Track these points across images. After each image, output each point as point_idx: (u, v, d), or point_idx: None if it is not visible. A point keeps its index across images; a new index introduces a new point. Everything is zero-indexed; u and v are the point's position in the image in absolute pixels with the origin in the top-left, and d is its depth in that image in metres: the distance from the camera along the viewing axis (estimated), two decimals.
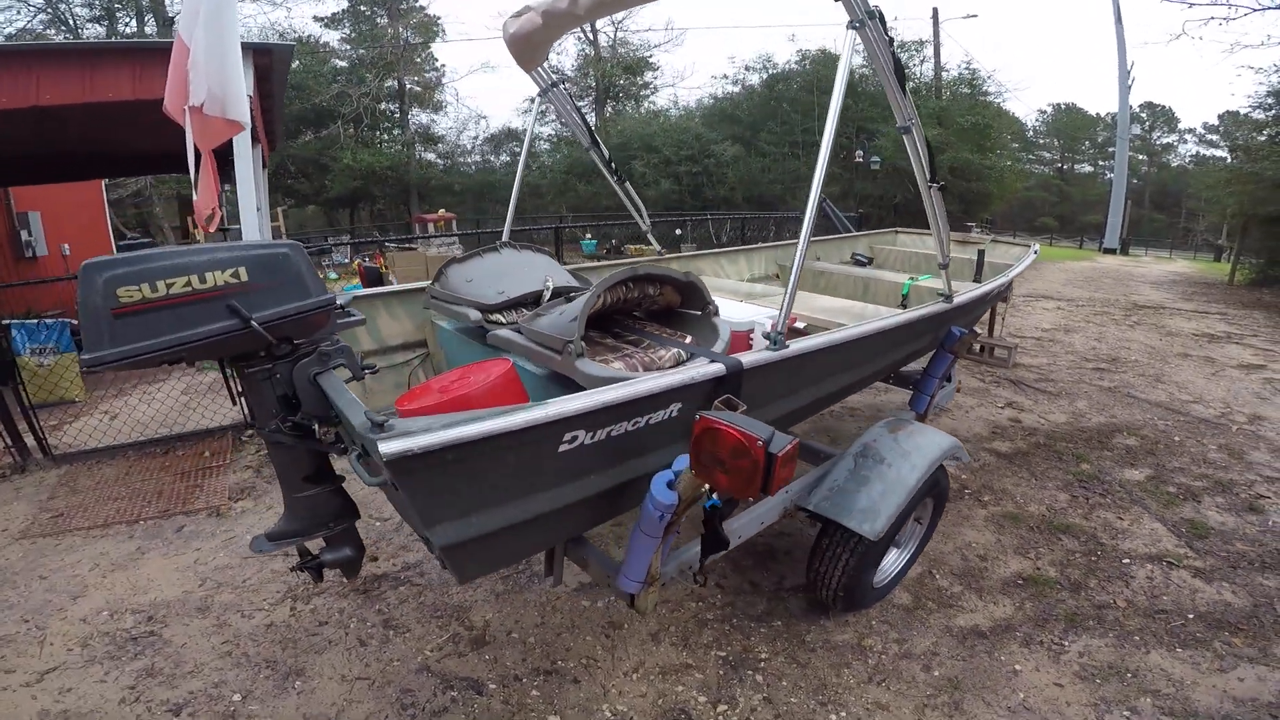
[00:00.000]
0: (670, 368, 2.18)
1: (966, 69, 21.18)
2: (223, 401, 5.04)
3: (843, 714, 2.31)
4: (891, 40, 2.43)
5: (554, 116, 27.24)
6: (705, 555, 2.04)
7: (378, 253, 15.35)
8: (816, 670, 2.52)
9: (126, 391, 5.60)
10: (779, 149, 19.88)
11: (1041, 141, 43.14)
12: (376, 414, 1.41)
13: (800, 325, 3.20)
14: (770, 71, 21.48)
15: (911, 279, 4.87)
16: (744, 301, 3.55)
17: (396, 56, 24.64)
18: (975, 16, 22.84)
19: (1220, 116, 42.41)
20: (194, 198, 3.83)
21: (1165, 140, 44.03)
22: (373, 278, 9.97)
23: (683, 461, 1.70)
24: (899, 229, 8.06)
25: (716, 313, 2.59)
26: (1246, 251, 15.48)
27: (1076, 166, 43.93)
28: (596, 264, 4.45)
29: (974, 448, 4.61)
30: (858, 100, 18.97)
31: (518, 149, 28.80)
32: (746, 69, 23.83)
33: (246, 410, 1.91)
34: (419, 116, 28.02)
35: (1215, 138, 42.41)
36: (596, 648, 2.62)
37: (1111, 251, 25.45)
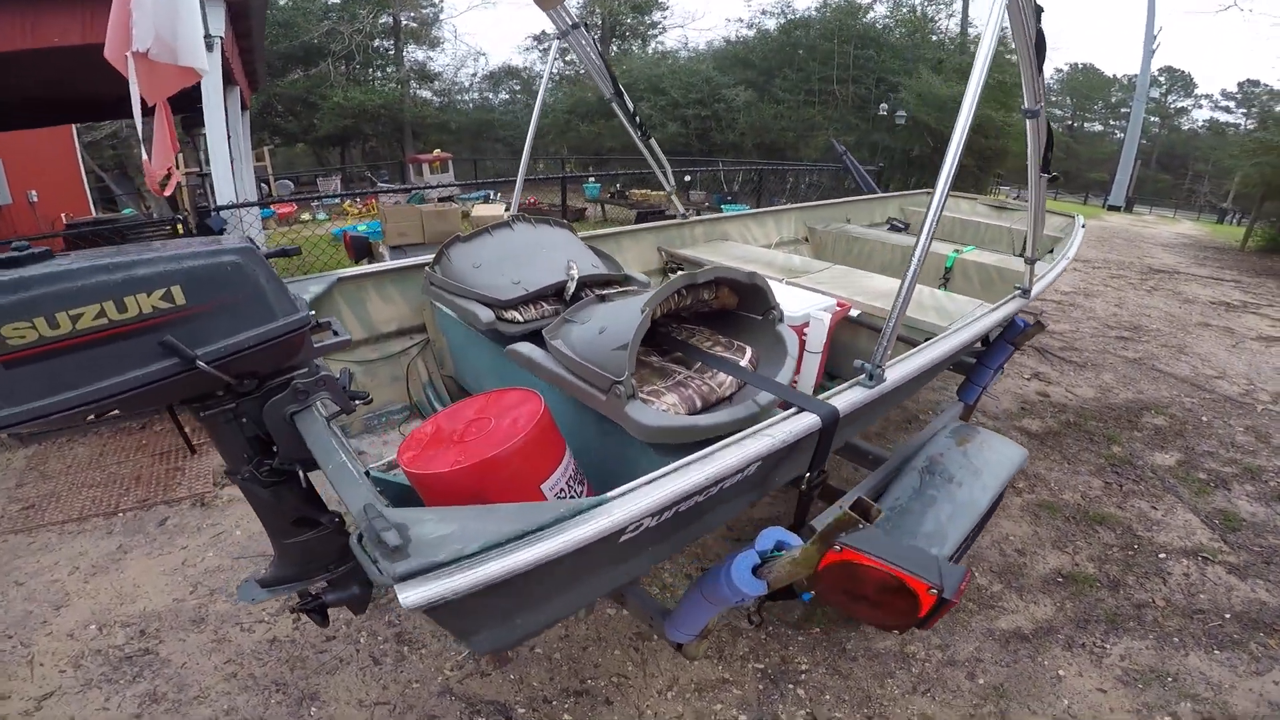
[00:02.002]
0: (730, 394, 1.92)
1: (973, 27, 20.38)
2: None
3: None
4: (1039, 10, 2.08)
5: (562, 59, 26.34)
6: (768, 601, 1.80)
7: (370, 197, 14.72)
8: (859, 681, 2.43)
9: None
10: (794, 96, 18.92)
11: (1054, 99, 42.01)
12: (381, 514, 1.10)
13: (854, 314, 2.96)
14: (789, 17, 20.53)
15: (956, 250, 4.59)
16: (785, 280, 3.32)
17: None
18: None
19: (1240, 84, 41.34)
20: (144, 158, 3.36)
21: (1180, 105, 42.97)
22: (361, 249, 8.54)
23: (771, 539, 1.42)
24: (929, 190, 7.77)
25: (781, 319, 2.20)
26: (1262, 218, 15.22)
27: (1086, 125, 42.92)
28: (618, 229, 4.15)
29: (1005, 425, 4.49)
30: (880, 51, 18.23)
31: (517, 87, 27.75)
32: (763, 13, 22.64)
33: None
34: (415, 53, 26.80)
35: (1231, 104, 41.46)
36: (626, 663, 2.48)
37: (1116, 209, 25.13)
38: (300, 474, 1.53)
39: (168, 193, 3.30)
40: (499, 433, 1.56)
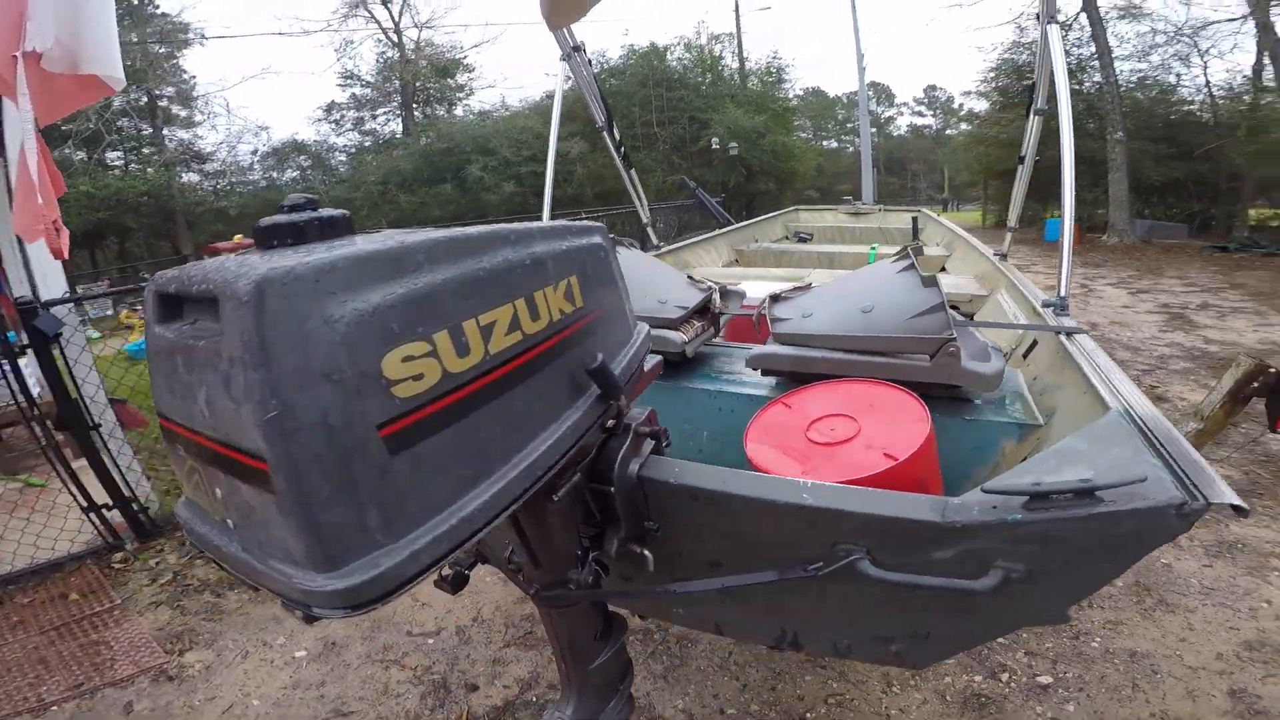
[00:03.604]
0: None
1: (773, 57, 23.57)
2: (22, 517, 3.46)
3: None
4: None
5: (353, 124, 24.93)
6: None
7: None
8: None
9: None
10: (623, 142, 19.89)
11: (797, 122, 49.17)
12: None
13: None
14: (604, 65, 21.67)
15: (874, 248, 5.55)
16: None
17: (146, 65, 20.75)
18: (768, 8, 25.99)
19: (925, 90, 51.63)
20: (9, 203, 2.63)
21: (887, 114, 52.47)
22: None
23: None
24: (799, 207, 8.97)
25: None
26: (990, 201, 19.53)
27: (825, 142, 50.75)
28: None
29: None
30: (687, 91, 20.08)
31: (307, 163, 25.87)
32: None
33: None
34: (180, 133, 23.89)
35: (923, 109, 51.55)
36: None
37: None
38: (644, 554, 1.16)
39: (64, 251, 2.53)
40: (901, 441, 1.44)
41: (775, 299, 2.19)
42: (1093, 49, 16.63)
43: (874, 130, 50.83)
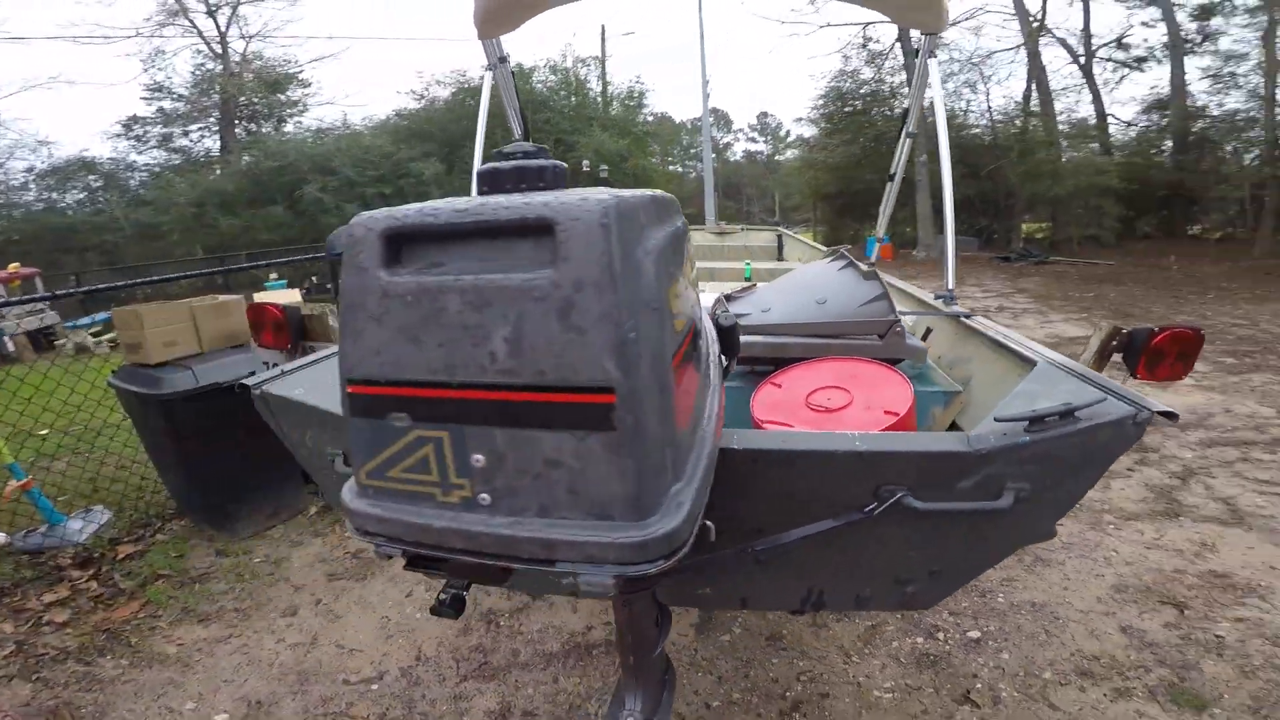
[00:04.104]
0: None
1: (636, 81, 24.22)
2: None
3: None
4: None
5: (159, 140, 22.09)
6: None
7: None
8: None
9: None
10: (483, 164, 19.09)
11: (651, 150, 51.12)
12: None
13: None
14: (463, 85, 20.85)
15: (748, 264, 5.92)
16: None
17: None
18: (633, 33, 27.21)
19: (758, 116, 55.88)
20: None
21: (725, 140, 56.10)
22: None
23: None
24: None
25: None
26: (819, 223, 21.55)
27: (671, 167, 53.27)
28: None
29: None
30: (553, 114, 19.97)
31: (97, 182, 22.46)
32: (437, 83, 21.94)
33: None
34: None
35: (756, 135, 55.73)
36: None
37: None
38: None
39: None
40: (892, 397, 1.63)
41: (729, 298, 2.31)
42: (903, 77, 19.03)
43: (714, 155, 54.31)
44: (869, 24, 20.20)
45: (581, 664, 2.41)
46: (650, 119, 24.99)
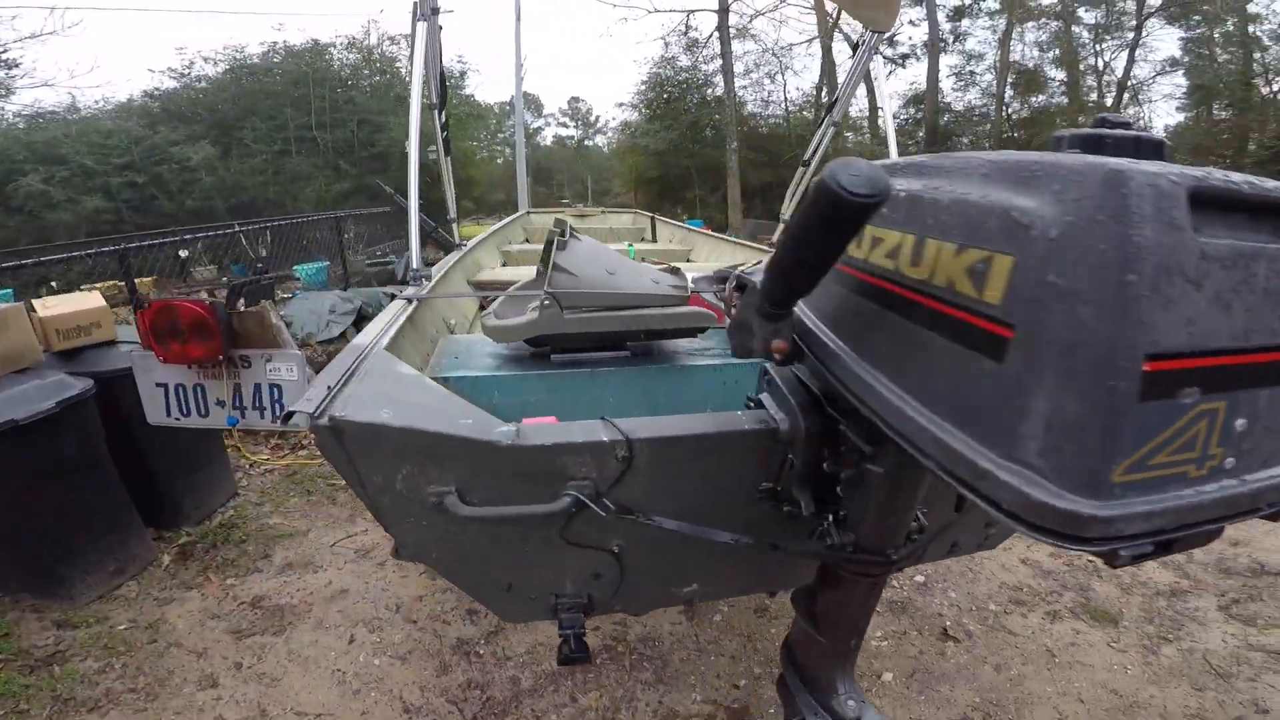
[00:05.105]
0: None
1: (458, 60, 22.37)
2: None
3: None
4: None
5: None
6: None
7: None
8: None
9: None
10: (270, 147, 16.94)
11: (457, 135, 48.37)
12: None
13: None
14: (240, 61, 18.03)
15: (630, 245, 6.00)
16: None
17: None
18: (452, 11, 24.57)
19: (569, 101, 55.54)
20: None
21: (535, 124, 55.12)
22: None
23: None
24: (530, 210, 9.02)
25: None
26: (638, 205, 22.13)
27: (480, 152, 51.28)
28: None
29: None
30: (359, 94, 18.05)
31: None
32: (205, 60, 18.84)
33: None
34: None
35: (567, 120, 55.47)
36: None
37: None
38: None
39: None
40: None
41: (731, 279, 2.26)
42: (718, 64, 20.05)
43: (526, 140, 53.20)
44: (691, 11, 21.11)
45: (593, 675, 2.31)
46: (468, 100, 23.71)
